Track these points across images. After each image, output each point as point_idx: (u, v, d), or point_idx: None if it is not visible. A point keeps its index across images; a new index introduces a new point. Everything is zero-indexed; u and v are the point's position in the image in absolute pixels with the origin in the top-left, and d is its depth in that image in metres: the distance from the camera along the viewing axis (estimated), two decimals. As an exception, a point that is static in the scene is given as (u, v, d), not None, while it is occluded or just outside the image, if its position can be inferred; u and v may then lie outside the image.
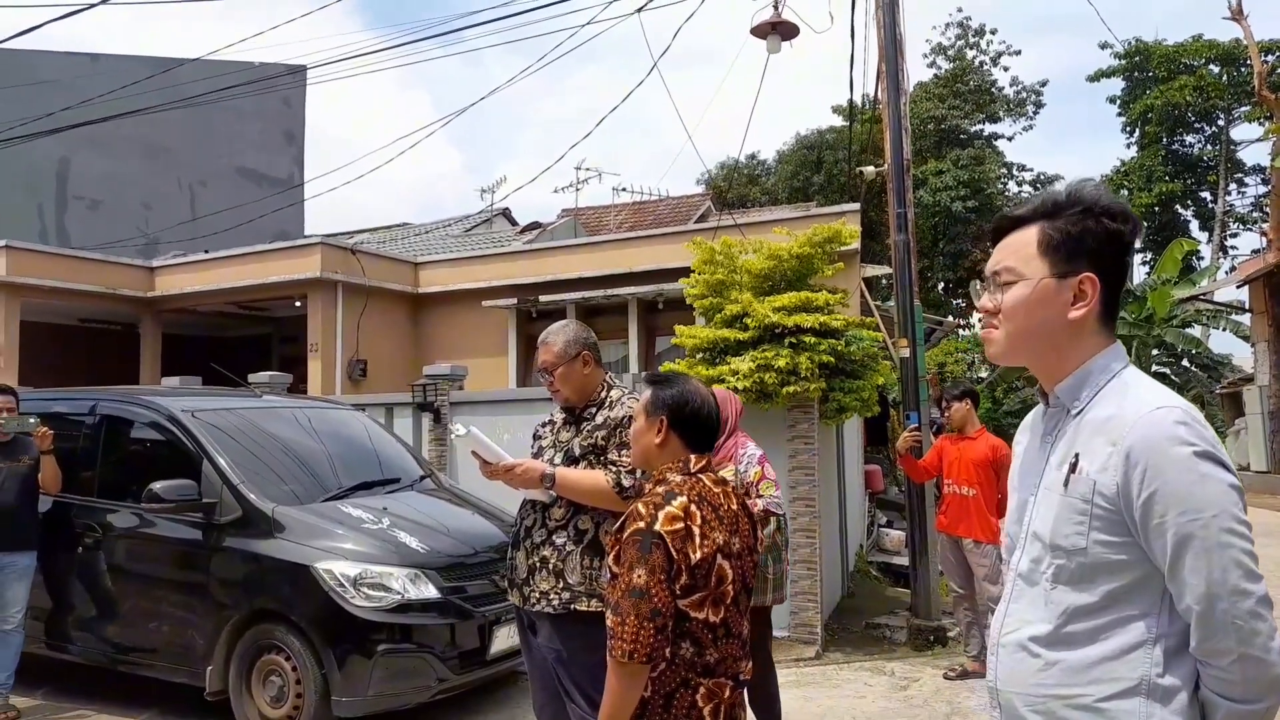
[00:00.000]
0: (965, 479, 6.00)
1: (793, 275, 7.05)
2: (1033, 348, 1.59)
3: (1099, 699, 1.44)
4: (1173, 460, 1.40)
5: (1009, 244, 1.61)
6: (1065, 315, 1.54)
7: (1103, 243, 1.53)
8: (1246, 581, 1.38)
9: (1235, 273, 22.39)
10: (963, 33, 34.57)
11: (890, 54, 7.27)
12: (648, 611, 2.12)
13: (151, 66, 20.49)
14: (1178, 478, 1.39)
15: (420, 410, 8.23)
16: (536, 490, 3.16)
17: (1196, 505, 1.38)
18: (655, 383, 2.51)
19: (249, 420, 5.83)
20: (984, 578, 5.85)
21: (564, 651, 3.07)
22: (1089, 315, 1.54)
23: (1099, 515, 1.46)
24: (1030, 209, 1.62)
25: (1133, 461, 1.42)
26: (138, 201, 21.99)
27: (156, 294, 14.24)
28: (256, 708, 4.83)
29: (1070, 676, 1.47)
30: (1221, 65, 33.35)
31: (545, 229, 17.08)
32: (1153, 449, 1.41)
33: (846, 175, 27.25)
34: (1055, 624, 1.50)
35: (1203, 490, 1.38)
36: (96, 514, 5.48)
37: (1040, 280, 1.55)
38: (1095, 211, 1.54)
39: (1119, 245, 1.54)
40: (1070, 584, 1.49)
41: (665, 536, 2.16)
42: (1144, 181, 34.30)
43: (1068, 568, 1.49)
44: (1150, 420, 1.43)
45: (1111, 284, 1.55)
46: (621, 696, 2.16)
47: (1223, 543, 1.37)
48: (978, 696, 5.49)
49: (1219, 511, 1.38)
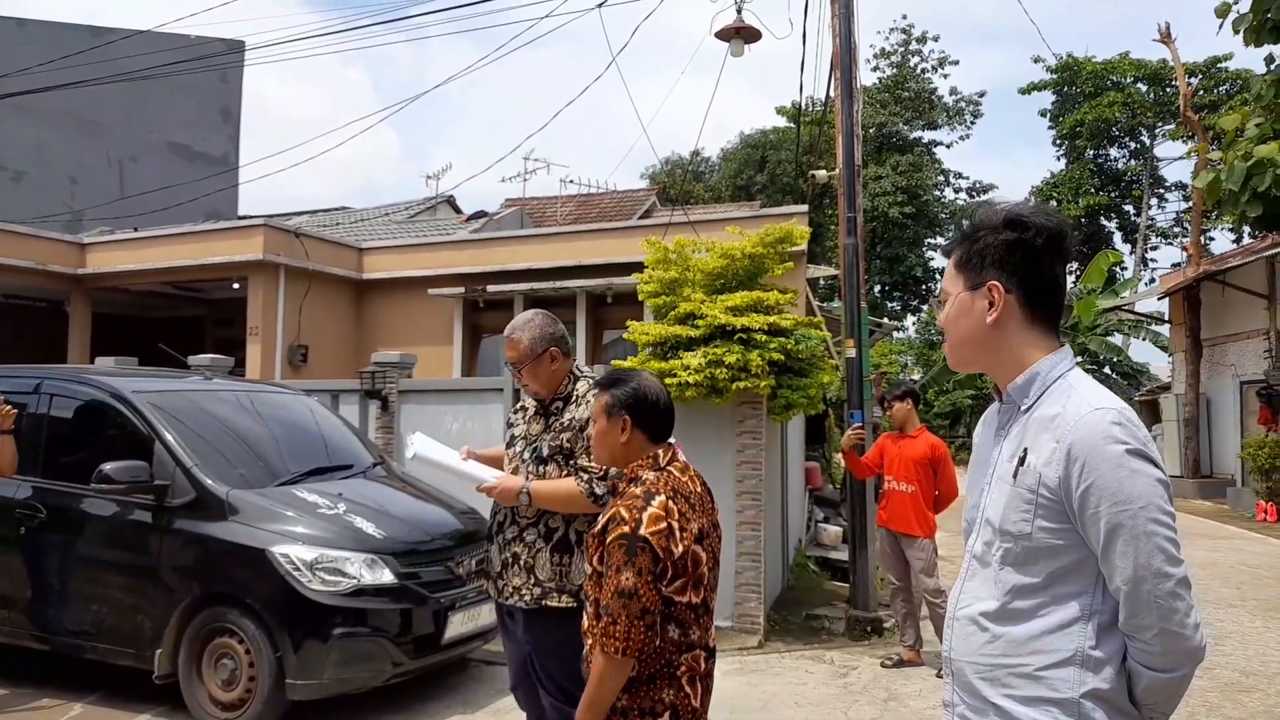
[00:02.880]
0: (905, 476, 6.23)
1: (744, 274, 7.21)
2: (971, 354, 1.79)
3: (1038, 668, 1.61)
4: (1106, 457, 1.55)
5: (946, 269, 1.83)
6: (984, 321, 1.72)
7: (1004, 252, 1.70)
8: (1168, 565, 1.54)
9: (1156, 285, 23.37)
10: (906, 39, 35.31)
11: (845, 63, 7.48)
12: (637, 611, 2.25)
13: (83, 35, 19.84)
14: (1110, 473, 1.55)
15: (368, 398, 8.19)
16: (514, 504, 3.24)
17: (1126, 497, 1.54)
18: (609, 384, 2.58)
19: (199, 403, 5.77)
20: (920, 570, 6.09)
21: (538, 645, 3.18)
22: (1005, 318, 1.70)
23: (1043, 504, 1.62)
24: (954, 237, 1.84)
25: (1073, 457, 1.57)
26: (64, 175, 21.25)
27: (87, 271, 13.82)
28: (207, 690, 4.80)
29: (1014, 648, 1.63)
30: (1148, 84, 34.66)
31: (491, 218, 17.01)
32: (1090, 446, 1.57)
33: (790, 175, 27.63)
34: (1002, 601, 1.66)
35: (1132, 484, 1.54)
36: (40, 494, 5.36)
37: (958, 295, 1.76)
38: (995, 226, 1.72)
39: (1023, 252, 1.69)
40: (1015, 565, 1.66)
41: (651, 539, 2.28)
42: (1072, 193, 35.51)
43: (1014, 550, 1.66)
44: (1089, 420, 1.59)
45: (1029, 288, 1.70)
46: (608, 685, 2.29)
47: (1148, 531, 1.54)
48: (914, 684, 5.73)
49: (1146, 503, 1.54)
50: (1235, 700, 5.41)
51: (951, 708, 1.76)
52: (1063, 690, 1.59)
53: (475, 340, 13.39)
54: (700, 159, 35.94)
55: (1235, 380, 18.07)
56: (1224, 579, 9.33)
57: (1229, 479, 17.61)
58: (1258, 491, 14.90)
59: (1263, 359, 16.66)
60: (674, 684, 2.34)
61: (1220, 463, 18.68)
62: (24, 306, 15.26)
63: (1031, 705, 1.61)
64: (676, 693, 2.33)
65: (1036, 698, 1.61)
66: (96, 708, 5.18)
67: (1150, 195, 35.89)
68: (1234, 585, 9.00)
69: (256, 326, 12.45)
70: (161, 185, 19.32)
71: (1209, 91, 30.51)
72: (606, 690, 2.29)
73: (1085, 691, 1.58)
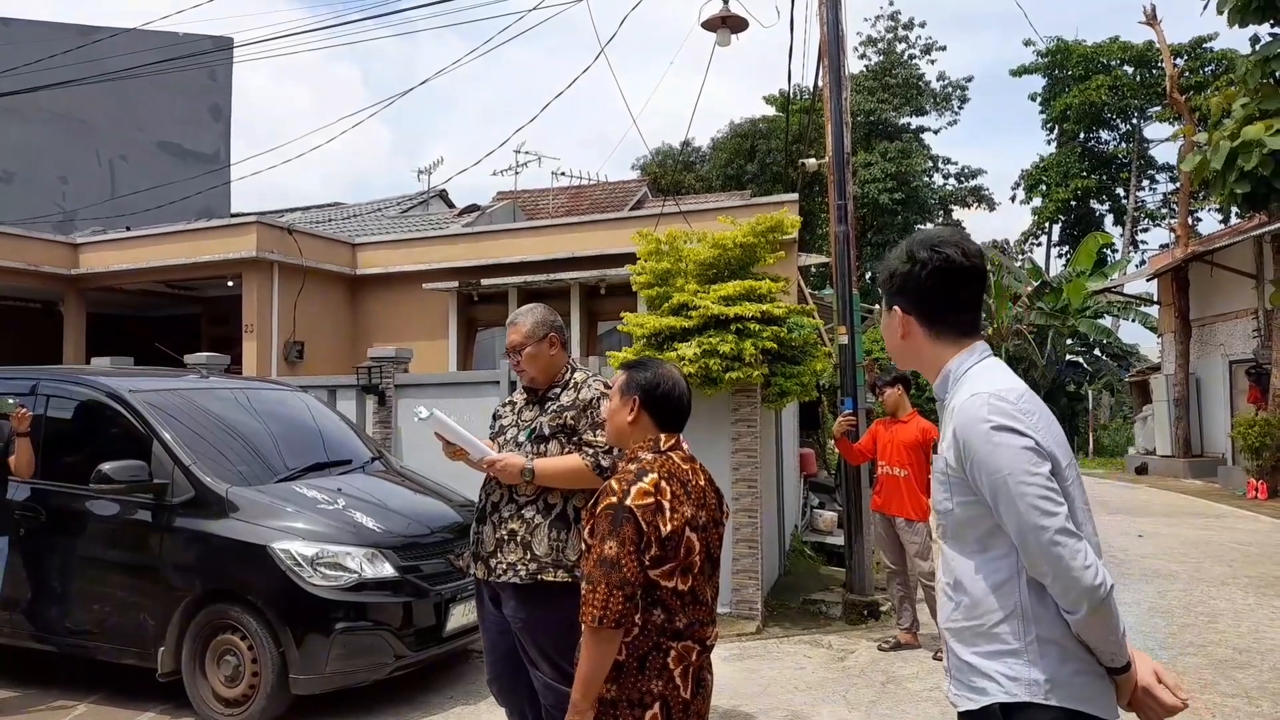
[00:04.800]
0: (897, 460, 6.29)
1: (736, 264, 7.25)
2: (900, 360, 2.15)
3: (991, 626, 1.85)
4: (977, 434, 1.82)
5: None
6: (896, 337, 2.06)
7: (902, 281, 2.01)
8: (1042, 519, 1.75)
9: (1145, 267, 23.50)
10: (893, 25, 35.27)
11: (833, 51, 7.50)
12: (617, 580, 2.28)
13: (70, 34, 19.72)
14: (981, 447, 1.81)
15: (365, 392, 8.22)
16: (516, 482, 3.27)
17: (995, 466, 1.79)
18: (631, 366, 2.68)
19: (196, 402, 5.79)
20: (915, 554, 6.15)
21: (530, 620, 3.20)
22: (911, 333, 2.01)
23: (954, 482, 1.89)
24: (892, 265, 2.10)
25: (959, 439, 1.85)
26: (54, 175, 21.17)
27: (81, 271, 13.82)
28: (210, 687, 4.85)
29: (970, 611, 1.88)
30: (1136, 66, 34.72)
31: (484, 212, 17.01)
32: (966, 428, 1.84)
33: (780, 164, 27.65)
34: (952, 572, 1.93)
35: (998, 455, 1.79)
36: (39, 496, 5.39)
37: (884, 314, 2.10)
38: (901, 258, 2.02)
39: (915, 282, 1.98)
40: (951, 540, 1.94)
41: (636, 511, 2.33)
42: (1061, 177, 35.60)
43: (948, 527, 1.94)
44: (966, 406, 1.86)
45: (924, 309, 1.99)
46: (595, 660, 2.32)
47: (1020, 492, 1.76)
48: (911, 666, 5.80)
49: (1012, 469, 1.77)
50: (1229, 677, 5.49)
51: (948, 672, 1.98)
52: (1012, 641, 1.82)
53: (470, 333, 13.42)
54: (691, 149, 35.89)
55: (1224, 360, 18.18)
56: (1216, 557, 9.42)
57: (1219, 458, 17.73)
58: (1248, 470, 15.01)
59: (1251, 338, 16.76)
60: (663, 675, 2.36)
61: (1210, 442, 18.80)
62: (18, 308, 15.24)
63: (992, 659, 1.84)
64: (666, 684, 2.36)
65: (995, 651, 1.84)
66: (101, 706, 5.22)
67: (1140, 177, 35.98)
68: (1226, 563, 9.09)
69: (252, 324, 12.46)
70: (153, 184, 19.26)
71: (1195, 73, 30.60)
72: (592, 666, 2.32)
73: (1029, 639, 1.81)
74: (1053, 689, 1.79)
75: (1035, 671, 1.79)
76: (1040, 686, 1.79)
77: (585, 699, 2.32)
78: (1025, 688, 1.80)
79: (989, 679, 1.84)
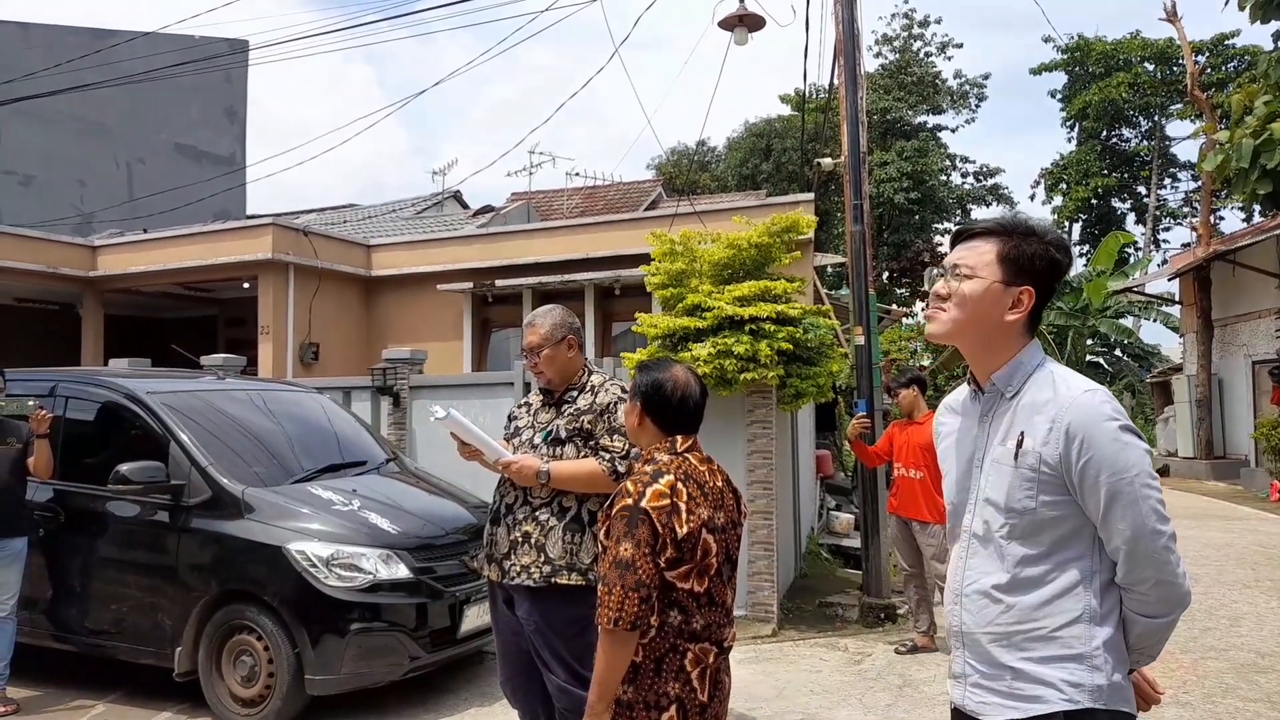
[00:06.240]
0: (913, 463, 6.24)
1: (751, 264, 7.21)
2: (968, 335, 1.93)
3: (1054, 629, 1.79)
4: (1104, 432, 1.76)
5: (972, 246, 1.94)
6: (1003, 316, 1.89)
7: (1045, 266, 1.89)
8: (1160, 524, 1.75)
9: (1167, 266, 23.24)
10: (909, 23, 35.06)
11: (848, 49, 7.46)
12: (633, 582, 2.27)
13: (87, 38, 19.89)
14: (1107, 446, 1.75)
15: (380, 394, 8.24)
16: (531, 484, 3.26)
17: (1122, 466, 1.75)
18: (640, 369, 2.67)
19: (213, 403, 5.82)
20: (932, 556, 6.11)
21: (544, 623, 3.19)
22: (1020, 320, 1.89)
23: (1044, 480, 1.80)
24: (996, 223, 1.95)
25: (1071, 434, 1.77)
26: (72, 178, 21.34)
27: (99, 273, 13.90)
28: (227, 687, 4.87)
29: (1028, 614, 1.81)
30: (1156, 63, 34.42)
31: (498, 213, 17.04)
32: (1087, 424, 1.77)
33: (795, 164, 27.59)
34: (1012, 572, 1.84)
35: (1126, 455, 1.75)
36: (59, 496, 5.43)
37: (991, 283, 1.88)
38: (1047, 240, 1.90)
39: (1056, 271, 1.91)
40: (1021, 539, 1.84)
41: (651, 512, 2.31)
42: (1081, 175, 35.31)
43: (1020, 525, 1.83)
44: (1082, 402, 1.79)
45: (1042, 299, 1.91)
46: (611, 662, 2.31)
47: (1143, 495, 1.75)
48: (928, 669, 5.75)
49: (1139, 471, 1.75)
50: (1251, 681, 5.42)
51: (963, 679, 1.91)
52: (1077, 646, 1.78)
53: (484, 335, 13.43)
54: (705, 149, 35.84)
55: (1247, 360, 17.97)
56: (1238, 560, 9.31)
57: (1242, 459, 17.53)
58: (1271, 471, 14.83)
59: (1274, 338, 16.55)
60: (680, 677, 2.35)
61: (1233, 443, 18.58)
62: (37, 310, 15.35)
63: (1048, 664, 1.79)
64: (682, 686, 2.34)
65: (1053, 656, 1.79)
66: (119, 706, 5.25)
67: (1161, 175, 35.66)
68: (1248, 566, 8.98)
69: (267, 325, 12.52)
70: (169, 186, 19.41)
71: (1216, 69, 30.31)
72: (608, 667, 2.30)
73: (1096, 644, 1.78)
74: (1112, 693, 1.78)
75: (1099, 677, 1.77)
76: (1103, 692, 1.77)
77: (601, 701, 2.31)
78: (1089, 694, 1.77)
79: (1047, 685, 1.78)
